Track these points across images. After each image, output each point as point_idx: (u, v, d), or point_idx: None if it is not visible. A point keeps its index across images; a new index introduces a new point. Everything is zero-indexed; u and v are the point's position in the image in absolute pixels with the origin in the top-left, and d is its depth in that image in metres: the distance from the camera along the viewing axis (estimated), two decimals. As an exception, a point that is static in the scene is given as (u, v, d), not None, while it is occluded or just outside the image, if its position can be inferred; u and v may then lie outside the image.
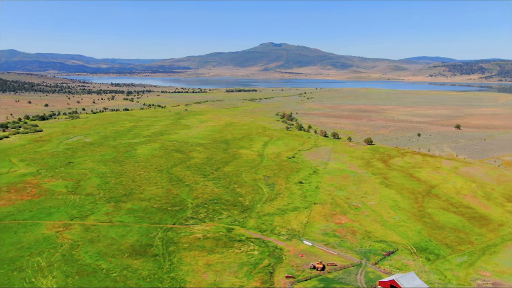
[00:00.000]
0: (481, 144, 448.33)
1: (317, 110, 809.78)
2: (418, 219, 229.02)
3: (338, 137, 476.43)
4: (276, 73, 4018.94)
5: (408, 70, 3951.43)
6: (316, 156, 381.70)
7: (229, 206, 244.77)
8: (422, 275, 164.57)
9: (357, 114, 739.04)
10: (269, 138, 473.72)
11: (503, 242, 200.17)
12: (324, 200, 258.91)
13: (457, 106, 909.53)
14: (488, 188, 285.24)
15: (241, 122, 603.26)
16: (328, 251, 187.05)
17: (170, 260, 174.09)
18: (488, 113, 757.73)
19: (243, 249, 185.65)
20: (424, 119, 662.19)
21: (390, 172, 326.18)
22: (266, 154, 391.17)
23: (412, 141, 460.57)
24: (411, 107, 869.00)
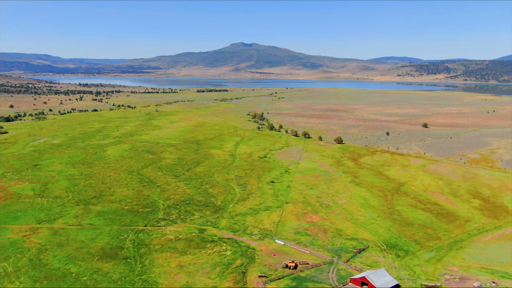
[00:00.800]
0: (447, 142, 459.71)
1: (288, 110, 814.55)
2: (388, 216, 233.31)
3: (309, 137, 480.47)
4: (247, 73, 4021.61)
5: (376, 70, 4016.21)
6: (288, 155, 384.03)
7: (201, 207, 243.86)
8: (392, 271, 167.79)
9: (328, 113, 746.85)
10: (240, 138, 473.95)
11: (469, 238, 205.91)
12: (296, 199, 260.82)
13: (424, 105, 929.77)
14: (455, 185, 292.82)
15: (212, 123, 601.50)
16: (300, 250, 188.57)
17: (142, 262, 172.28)
18: (454, 112, 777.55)
19: (216, 250, 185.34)
20: (392, 118, 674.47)
21: (360, 171, 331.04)
22: (238, 153, 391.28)
23: (381, 140, 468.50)
24: (380, 107, 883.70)
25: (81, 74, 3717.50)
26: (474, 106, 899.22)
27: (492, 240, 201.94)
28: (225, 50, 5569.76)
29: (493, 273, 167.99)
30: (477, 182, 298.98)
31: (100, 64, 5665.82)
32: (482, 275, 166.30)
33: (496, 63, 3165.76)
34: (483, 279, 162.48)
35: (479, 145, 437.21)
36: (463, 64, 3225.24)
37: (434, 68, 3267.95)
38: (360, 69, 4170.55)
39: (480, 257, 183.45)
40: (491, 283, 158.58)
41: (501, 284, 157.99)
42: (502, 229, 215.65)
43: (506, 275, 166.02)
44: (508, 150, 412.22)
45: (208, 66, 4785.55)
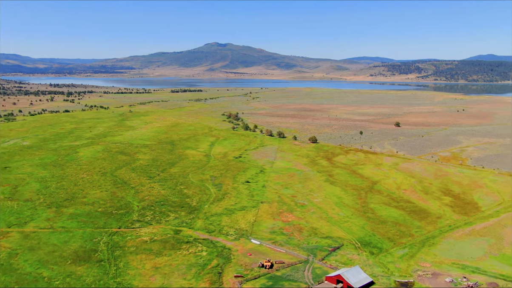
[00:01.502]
0: (419, 140, 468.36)
1: (263, 110, 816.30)
2: (362, 215, 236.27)
3: (283, 137, 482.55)
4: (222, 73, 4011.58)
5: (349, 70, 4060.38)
6: (263, 155, 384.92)
7: (176, 208, 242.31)
8: (367, 269, 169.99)
9: (302, 113, 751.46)
10: (215, 138, 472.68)
11: (441, 234, 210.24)
12: (271, 198, 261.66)
13: (396, 104, 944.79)
14: (426, 183, 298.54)
15: (187, 123, 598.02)
16: (276, 249, 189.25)
17: (116, 264, 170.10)
18: (425, 111, 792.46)
19: (191, 251, 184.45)
20: (365, 118, 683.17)
21: (335, 169, 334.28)
22: (213, 154, 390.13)
23: (354, 139, 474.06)
24: (353, 106, 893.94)
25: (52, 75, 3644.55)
26: (445, 106, 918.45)
27: (462, 236, 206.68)
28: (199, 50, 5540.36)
29: (464, 268, 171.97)
30: (448, 180, 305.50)
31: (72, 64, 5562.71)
32: (454, 271, 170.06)
33: (465, 63, 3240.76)
34: (454, 274, 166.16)
35: (450, 143, 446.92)
36: (434, 64, 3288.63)
37: (405, 68, 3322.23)
38: (333, 69, 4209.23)
39: (452, 253, 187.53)
40: (462, 278, 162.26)
41: (472, 279, 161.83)
42: (472, 225, 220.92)
43: (476, 270, 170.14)
44: (477, 148, 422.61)
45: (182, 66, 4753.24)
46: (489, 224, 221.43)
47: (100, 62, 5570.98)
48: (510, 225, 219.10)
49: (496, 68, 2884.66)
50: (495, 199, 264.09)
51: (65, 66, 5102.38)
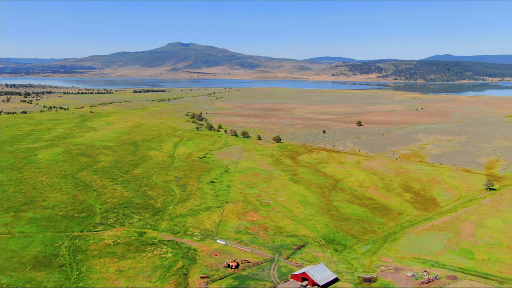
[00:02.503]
0: (380, 138, 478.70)
1: (227, 109, 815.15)
2: (326, 212, 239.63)
3: (248, 136, 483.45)
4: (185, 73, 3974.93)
5: (312, 70, 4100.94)
6: (227, 155, 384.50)
7: (140, 209, 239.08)
8: (331, 266, 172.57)
9: (266, 113, 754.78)
10: (179, 139, 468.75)
11: (402, 230, 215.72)
12: (236, 198, 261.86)
13: (358, 104, 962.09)
14: (388, 180, 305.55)
15: (150, 124, 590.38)
16: (241, 249, 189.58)
17: (79, 269, 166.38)
18: (386, 110, 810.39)
19: (156, 253, 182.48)
20: (328, 117, 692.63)
21: (299, 168, 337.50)
22: (177, 154, 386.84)
23: (318, 138, 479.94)
24: (316, 106, 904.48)
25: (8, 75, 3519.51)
26: (404, 104, 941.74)
27: (423, 231, 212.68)
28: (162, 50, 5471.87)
29: (425, 263, 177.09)
30: (408, 177, 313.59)
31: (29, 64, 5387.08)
32: (415, 265, 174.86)
33: (423, 63, 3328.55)
34: (415, 269, 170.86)
35: (409, 141, 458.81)
36: (393, 64, 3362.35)
37: (366, 68, 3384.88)
38: (296, 69, 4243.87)
39: (413, 248, 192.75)
40: (423, 272, 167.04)
41: (432, 273, 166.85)
42: (432, 220, 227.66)
43: (436, 264, 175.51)
44: (435, 145, 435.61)
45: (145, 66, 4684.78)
46: (447, 219, 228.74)
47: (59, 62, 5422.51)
48: (467, 220, 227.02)
49: (453, 68, 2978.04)
50: (453, 194, 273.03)
51: (22, 66, 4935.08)
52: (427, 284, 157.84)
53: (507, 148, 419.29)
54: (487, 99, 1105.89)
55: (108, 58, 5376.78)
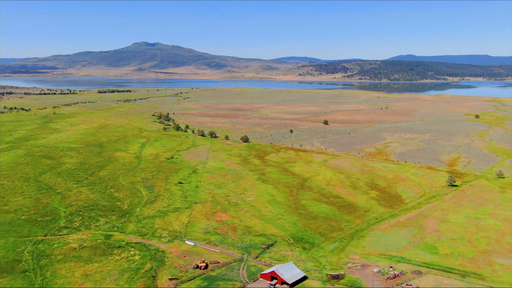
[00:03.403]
0: (346, 137, 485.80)
1: (194, 110, 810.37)
2: (294, 211, 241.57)
3: (215, 136, 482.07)
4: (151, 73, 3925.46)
5: (279, 69, 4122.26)
6: (195, 156, 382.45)
7: (107, 212, 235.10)
8: (300, 264, 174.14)
9: (233, 113, 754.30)
10: (146, 139, 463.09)
11: (368, 227, 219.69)
12: (205, 198, 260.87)
13: (324, 103, 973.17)
14: (354, 178, 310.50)
15: (116, 124, 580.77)
16: (210, 249, 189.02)
17: (43, 274, 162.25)
18: (352, 109, 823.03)
19: (123, 255, 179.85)
20: (295, 116, 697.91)
21: (267, 168, 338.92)
22: (144, 155, 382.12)
23: (285, 137, 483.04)
24: (283, 105, 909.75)
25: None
26: (369, 104, 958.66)
27: (388, 228, 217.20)
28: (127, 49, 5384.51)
29: (390, 258, 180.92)
30: (374, 174, 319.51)
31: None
32: (381, 261, 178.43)
33: (387, 63, 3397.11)
34: (381, 265, 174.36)
35: (375, 139, 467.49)
36: (359, 64, 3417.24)
37: (332, 68, 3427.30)
38: (263, 69, 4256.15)
39: (379, 244, 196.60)
40: (389, 268, 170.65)
41: (398, 268, 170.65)
42: (397, 217, 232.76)
43: (402, 260, 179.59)
44: (400, 143, 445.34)
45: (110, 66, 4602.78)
46: (412, 215, 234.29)
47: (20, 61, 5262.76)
48: (431, 216, 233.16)
49: (416, 68, 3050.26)
50: (417, 191, 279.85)
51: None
52: (393, 279, 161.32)
53: (468, 145, 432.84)
54: (449, 98, 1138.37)
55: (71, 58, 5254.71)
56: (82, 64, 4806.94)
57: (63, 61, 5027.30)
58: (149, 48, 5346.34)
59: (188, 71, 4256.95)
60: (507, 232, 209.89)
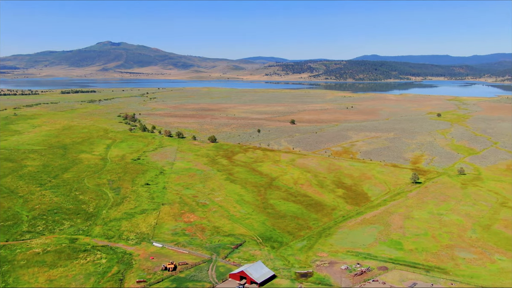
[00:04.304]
0: (313, 136, 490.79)
1: (161, 110, 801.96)
2: (262, 211, 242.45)
3: (183, 137, 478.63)
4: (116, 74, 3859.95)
5: (246, 69, 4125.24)
6: (162, 156, 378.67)
7: (71, 215, 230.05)
8: (268, 263, 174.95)
9: (201, 113, 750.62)
10: (112, 141, 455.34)
11: (336, 225, 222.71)
12: (172, 200, 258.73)
13: (291, 103, 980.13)
14: (321, 177, 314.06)
15: (80, 126, 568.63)
16: (178, 251, 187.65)
17: (5, 281, 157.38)
18: (318, 109, 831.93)
19: (89, 259, 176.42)
20: (263, 116, 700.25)
21: (235, 168, 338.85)
22: (110, 157, 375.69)
23: (253, 137, 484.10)
24: (250, 105, 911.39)
25: None
26: (335, 103, 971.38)
27: (355, 225, 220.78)
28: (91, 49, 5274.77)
29: (358, 255, 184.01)
30: (340, 173, 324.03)
31: None
32: (348, 258, 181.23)
33: (352, 63, 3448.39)
34: (349, 262, 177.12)
35: (341, 138, 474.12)
36: (324, 64, 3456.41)
37: (298, 68, 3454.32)
38: (230, 69, 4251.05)
39: (346, 242, 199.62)
40: (356, 265, 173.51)
41: (365, 265, 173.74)
42: (363, 214, 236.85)
43: (368, 256, 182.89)
44: (365, 142, 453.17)
45: (73, 66, 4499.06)
46: (378, 213, 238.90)
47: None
48: (396, 212, 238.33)
49: (380, 68, 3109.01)
50: (382, 188, 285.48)
51: None
52: (360, 276, 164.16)
53: (431, 143, 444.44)
54: (412, 98, 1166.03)
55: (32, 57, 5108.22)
56: (44, 64, 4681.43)
57: (24, 61, 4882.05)
58: (114, 48, 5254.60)
59: (154, 71, 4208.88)
60: (469, 227, 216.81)
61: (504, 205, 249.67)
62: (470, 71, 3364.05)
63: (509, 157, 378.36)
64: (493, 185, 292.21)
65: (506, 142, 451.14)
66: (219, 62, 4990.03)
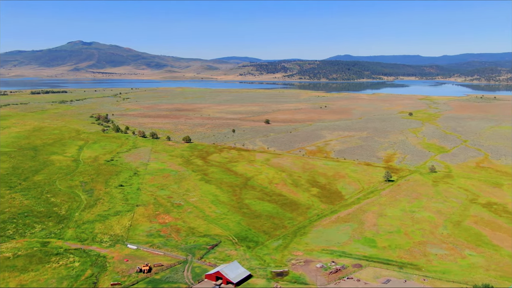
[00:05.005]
0: (287, 136, 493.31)
1: (134, 111, 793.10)
2: (238, 211, 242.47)
3: (157, 137, 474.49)
4: (88, 74, 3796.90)
5: (220, 69, 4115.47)
6: (136, 157, 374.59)
7: (43, 218, 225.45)
8: (244, 263, 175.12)
9: (175, 113, 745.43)
10: (84, 142, 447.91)
11: (310, 223, 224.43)
12: (147, 201, 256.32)
13: (265, 103, 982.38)
14: (296, 176, 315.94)
15: (51, 127, 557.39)
16: (154, 252, 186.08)
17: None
18: (292, 109, 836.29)
19: (62, 263, 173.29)
20: (237, 116, 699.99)
21: (209, 168, 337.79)
22: (82, 158, 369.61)
23: (227, 137, 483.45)
24: (225, 105, 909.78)
25: None
26: (309, 103, 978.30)
27: (329, 224, 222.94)
28: (62, 49, 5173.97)
29: (332, 253, 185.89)
30: (314, 172, 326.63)
31: None
32: (323, 256, 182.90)
33: (326, 63, 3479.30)
34: (324, 260, 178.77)
35: (315, 138, 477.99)
36: (298, 64, 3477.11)
37: (272, 68, 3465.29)
38: (204, 69, 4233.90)
39: (321, 240, 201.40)
40: (331, 263, 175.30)
41: (339, 263, 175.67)
42: (338, 213, 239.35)
43: (343, 254, 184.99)
44: (339, 141, 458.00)
45: (43, 66, 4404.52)
46: (352, 211, 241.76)
47: None
48: (369, 210, 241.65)
49: (353, 68, 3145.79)
50: (356, 187, 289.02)
51: None
52: (335, 274, 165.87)
53: (403, 142, 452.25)
54: (384, 97, 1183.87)
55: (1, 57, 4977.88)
56: (13, 64, 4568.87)
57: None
58: (85, 47, 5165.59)
59: (127, 71, 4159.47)
60: (440, 223, 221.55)
61: (474, 202, 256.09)
62: (440, 71, 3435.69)
63: (478, 155, 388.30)
64: (463, 182, 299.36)
65: (475, 140, 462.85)
66: (193, 62, 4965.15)
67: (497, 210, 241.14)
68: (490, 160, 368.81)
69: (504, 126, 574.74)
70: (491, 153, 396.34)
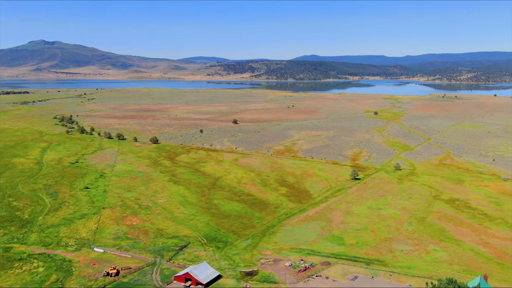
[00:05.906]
0: (255, 136, 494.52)
1: (100, 111, 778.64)
2: (206, 211, 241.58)
3: (123, 138, 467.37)
4: (51, 74, 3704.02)
5: (187, 69, 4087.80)
6: (102, 159, 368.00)
7: (5, 223, 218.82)
8: (214, 263, 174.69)
9: (141, 114, 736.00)
10: (47, 144, 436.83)
11: (279, 222, 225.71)
12: (114, 203, 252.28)
13: (233, 103, 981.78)
14: (264, 175, 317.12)
15: (12, 128, 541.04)
16: (121, 255, 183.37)
17: None
18: (260, 108, 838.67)
19: (25, 268, 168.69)
20: (205, 116, 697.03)
21: (178, 169, 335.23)
22: (46, 161, 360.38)
23: (195, 137, 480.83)
24: (192, 105, 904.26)
25: None
26: (277, 102, 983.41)
27: (298, 222, 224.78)
28: (23, 48, 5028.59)
29: (301, 252, 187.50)
30: (283, 171, 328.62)
31: None
32: (292, 255, 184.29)
33: (293, 63, 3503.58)
34: (293, 258, 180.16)
35: (283, 137, 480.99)
36: (265, 64, 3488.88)
37: (240, 68, 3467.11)
38: (171, 69, 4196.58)
39: (290, 239, 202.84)
40: (299, 261, 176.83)
41: (308, 261, 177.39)
42: (306, 212, 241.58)
43: (312, 252, 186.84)
44: (306, 140, 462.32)
45: (4, 66, 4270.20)
46: (320, 209, 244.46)
47: None
48: (337, 208, 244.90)
49: (319, 68, 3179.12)
50: (323, 186, 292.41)
51: None
52: (304, 272, 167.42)
53: (368, 140, 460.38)
54: (350, 96, 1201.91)
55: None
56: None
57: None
58: (48, 47, 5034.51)
59: (92, 71, 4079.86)
60: (405, 220, 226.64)
61: (437, 198, 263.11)
62: (404, 71, 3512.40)
63: (441, 152, 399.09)
64: (427, 179, 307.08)
65: (438, 138, 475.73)
66: (159, 62, 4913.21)
67: (459, 206, 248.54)
68: (452, 157, 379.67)
69: (466, 125, 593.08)
70: (453, 150, 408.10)
